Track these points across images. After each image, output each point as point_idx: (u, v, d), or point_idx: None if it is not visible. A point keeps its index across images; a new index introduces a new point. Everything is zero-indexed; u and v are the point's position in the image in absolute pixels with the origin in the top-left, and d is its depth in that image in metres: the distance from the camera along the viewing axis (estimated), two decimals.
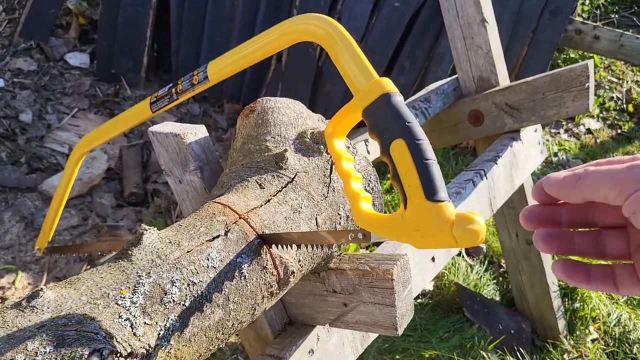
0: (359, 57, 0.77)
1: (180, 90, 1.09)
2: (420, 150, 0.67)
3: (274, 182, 0.95)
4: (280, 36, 0.89)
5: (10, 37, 3.11)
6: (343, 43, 0.79)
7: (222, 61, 1.00)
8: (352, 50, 0.78)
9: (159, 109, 1.16)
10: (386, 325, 1.01)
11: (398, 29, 3.10)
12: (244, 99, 3.35)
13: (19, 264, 2.12)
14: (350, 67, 0.77)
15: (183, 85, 1.08)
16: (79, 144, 1.41)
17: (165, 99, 1.13)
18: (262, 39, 0.92)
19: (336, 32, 0.80)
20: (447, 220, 0.63)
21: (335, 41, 0.79)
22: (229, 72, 1.00)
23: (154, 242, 0.81)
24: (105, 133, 1.35)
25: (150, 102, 1.17)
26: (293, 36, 0.87)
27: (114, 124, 1.31)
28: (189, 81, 1.06)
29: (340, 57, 0.78)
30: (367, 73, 0.75)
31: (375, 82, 0.72)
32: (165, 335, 0.73)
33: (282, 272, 0.89)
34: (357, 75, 0.75)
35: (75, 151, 1.42)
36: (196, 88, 1.06)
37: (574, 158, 3.55)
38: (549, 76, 1.76)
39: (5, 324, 0.66)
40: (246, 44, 0.95)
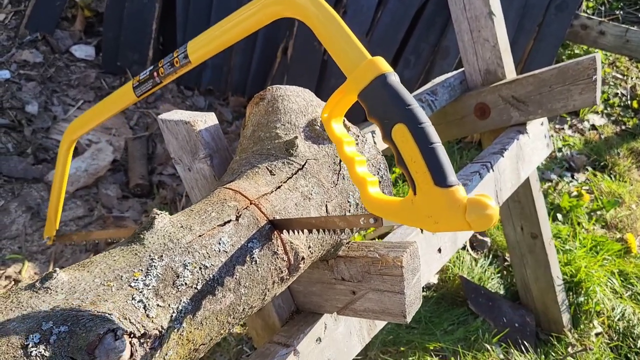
0: (347, 35, 0.73)
1: (162, 73, 1.08)
2: (423, 135, 0.65)
3: (285, 168, 0.96)
4: (261, 9, 0.86)
5: (16, 29, 3.12)
6: (327, 19, 0.75)
7: (201, 39, 0.98)
8: (339, 27, 0.74)
9: (143, 93, 1.15)
10: (395, 313, 1.01)
11: (404, 22, 3.09)
12: (249, 91, 3.35)
13: (25, 253, 2.13)
14: (339, 45, 0.73)
15: (164, 67, 1.07)
16: (67, 132, 1.41)
17: (148, 82, 1.12)
18: (241, 13, 0.89)
19: (318, 7, 0.76)
20: (459, 205, 0.63)
21: (318, 17, 0.76)
22: (210, 51, 0.97)
23: (166, 226, 0.81)
24: (91, 119, 1.34)
25: (133, 86, 1.16)
26: (274, 9, 0.84)
27: (98, 109, 1.30)
28: (169, 63, 1.06)
29: (325, 35, 0.75)
30: (359, 52, 0.72)
31: (369, 62, 0.70)
32: (177, 317, 0.74)
33: (293, 258, 0.89)
34: (348, 55, 0.72)
35: (64, 139, 1.43)
36: (178, 70, 1.05)
37: (578, 154, 3.55)
38: (556, 69, 1.76)
39: (20, 305, 0.66)
40: (225, 20, 0.92)
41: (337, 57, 0.74)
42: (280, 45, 3.22)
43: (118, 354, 0.64)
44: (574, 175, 3.37)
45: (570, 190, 3.19)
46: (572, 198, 3.03)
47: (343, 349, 1.20)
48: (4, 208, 2.26)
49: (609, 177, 3.36)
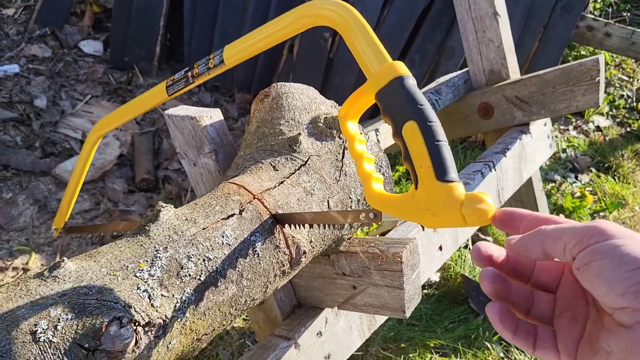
0: (373, 41, 0.78)
1: (196, 74, 1.11)
2: (431, 132, 0.68)
3: (288, 164, 0.97)
4: (296, 20, 0.91)
5: (25, 24, 3.15)
6: (358, 27, 0.80)
7: (238, 45, 1.02)
8: (366, 34, 0.79)
9: (175, 92, 1.19)
10: (394, 308, 1.03)
11: (409, 22, 3.10)
12: (255, 88, 3.37)
13: (32, 245, 2.16)
14: (365, 50, 0.78)
15: (199, 68, 1.10)
16: (96, 127, 1.44)
17: (181, 82, 1.16)
18: (278, 23, 0.94)
19: (351, 16, 0.81)
20: (457, 199, 0.65)
21: (350, 25, 0.81)
22: (244, 56, 1.02)
23: (171, 218, 0.83)
24: (121, 116, 1.38)
25: (166, 85, 1.20)
26: (309, 20, 0.89)
27: (130, 107, 1.34)
28: (205, 65, 1.09)
29: (354, 41, 0.80)
30: (381, 57, 0.76)
31: (389, 65, 0.74)
32: (181, 307, 0.76)
33: (294, 252, 0.91)
34: (371, 59, 0.77)
35: (92, 133, 1.45)
36: (212, 71, 1.08)
37: (582, 155, 3.55)
38: (560, 70, 1.77)
39: (29, 292, 0.68)
40: (262, 28, 0.97)
41: (361, 60, 0.79)
42: (286, 43, 3.23)
43: (123, 341, 0.66)
44: (578, 176, 3.38)
45: (573, 191, 3.20)
46: (575, 199, 3.04)
47: (343, 343, 1.22)
48: (12, 200, 2.29)
49: (612, 179, 3.36)
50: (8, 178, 2.38)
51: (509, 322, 0.58)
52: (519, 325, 0.59)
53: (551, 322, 0.60)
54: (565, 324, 0.57)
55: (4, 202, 2.27)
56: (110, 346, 0.65)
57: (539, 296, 0.61)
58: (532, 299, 0.61)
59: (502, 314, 0.59)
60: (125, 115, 1.36)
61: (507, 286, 0.61)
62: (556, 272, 0.61)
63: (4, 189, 2.33)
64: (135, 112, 1.33)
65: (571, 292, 0.59)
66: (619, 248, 0.47)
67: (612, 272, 0.47)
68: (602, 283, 0.48)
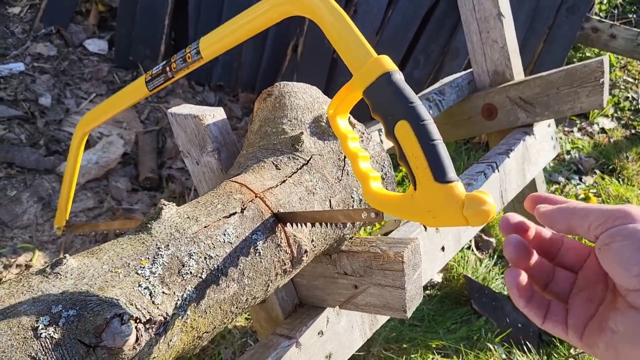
0: (355, 34, 0.75)
1: (174, 68, 1.10)
2: (425, 132, 0.67)
3: (290, 163, 0.98)
4: (271, 8, 0.88)
5: (31, 22, 3.16)
6: (336, 18, 0.77)
7: (213, 36, 1.00)
8: (346, 26, 0.76)
9: (155, 87, 1.18)
10: (396, 308, 1.03)
11: (414, 22, 3.10)
12: (259, 88, 3.37)
13: (36, 243, 2.17)
14: (346, 44, 0.76)
15: (177, 63, 1.10)
16: (80, 124, 1.44)
17: (160, 77, 1.15)
18: (253, 11, 0.91)
19: (327, 6, 0.78)
20: (457, 200, 0.65)
21: (327, 16, 0.78)
22: (221, 47, 0.99)
23: (173, 216, 0.83)
24: (103, 113, 1.37)
25: (145, 81, 1.19)
26: (285, 8, 0.86)
27: (111, 103, 1.33)
28: (181, 58, 1.08)
29: (334, 33, 0.77)
30: (365, 51, 0.74)
31: (374, 60, 0.72)
32: (182, 305, 0.76)
33: (296, 251, 0.91)
34: (355, 54, 0.74)
35: (77, 131, 1.46)
36: (190, 65, 1.07)
37: (586, 157, 3.54)
38: (564, 71, 1.77)
39: (31, 288, 0.69)
40: (237, 18, 0.94)
41: (344, 55, 0.76)
42: (290, 42, 3.24)
43: (124, 338, 0.67)
44: (582, 178, 3.37)
45: (577, 193, 3.19)
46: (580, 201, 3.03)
47: (345, 343, 1.22)
48: (16, 198, 2.30)
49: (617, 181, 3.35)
50: (12, 176, 2.39)
51: (524, 289, 0.60)
52: (533, 295, 0.60)
53: (566, 299, 0.61)
54: (579, 302, 0.58)
55: (8, 200, 2.28)
56: (111, 343, 0.66)
57: (560, 273, 0.62)
58: (552, 275, 0.62)
59: (520, 280, 0.60)
60: (107, 111, 1.35)
61: (529, 256, 0.62)
62: (582, 255, 0.62)
63: (8, 186, 2.34)
64: (117, 108, 1.31)
65: (593, 274, 0.60)
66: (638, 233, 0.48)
67: (632, 253, 0.48)
68: (619, 264, 0.49)
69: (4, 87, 2.74)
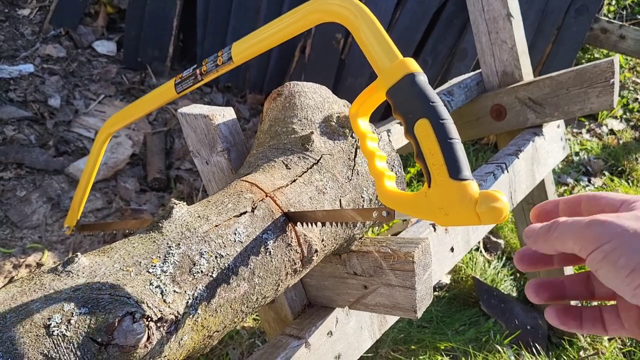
0: (383, 37, 0.77)
1: (204, 72, 1.11)
2: (444, 130, 0.68)
3: (300, 163, 0.97)
4: (304, 16, 0.90)
5: (40, 24, 3.18)
6: (367, 23, 0.79)
7: (246, 42, 1.01)
8: (376, 30, 0.78)
9: (183, 90, 1.19)
10: (406, 308, 1.03)
11: (422, 23, 3.10)
12: (266, 89, 3.38)
13: (45, 243, 2.18)
14: (374, 47, 0.77)
15: (207, 66, 1.10)
16: (106, 125, 1.45)
17: (189, 80, 1.16)
18: (286, 19, 0.93)
19: (360, 12, 0.80)
20: (471, 198, 0.65)
21: (359, 21, 0.80)
22: (253, 53, 1.02)
23: (184, 215, 0.84)
24: (131, 114, 1.38)
25: (175, 83, 1.20)
26: (317, 16, 0.88)
27: (139, 105, 1.34)
28: (213, 62, 1.09)
29: (364, 37, 0.79)
30: (391, 53, 0.76)
31: (399, 62, 0.73)
32: (193, 304, 0.76)
33: (306, 250, 0.91)
34: (381, 56, 0.76)
35: (101, 132, 1.46)
36: (220, 69, 1.08)
37: (595, 158, 3.52)
38: (574, 71, 1.76)
39: (43, 287, 0.69)
40: (270, 25, 0.97)
41: (371, 57, 0.78)
42: (298, 44, 3.24)
43: (136, 336, 0.67)
44: (591, 180, 3.35)
45: None
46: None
47: (354, 343, 1.21)
48: (26, 198, 2.31)
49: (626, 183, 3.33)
50: (22, 176, 2.40)
51: (570, 319, 0.60)
52: (582, 318, 0.60)
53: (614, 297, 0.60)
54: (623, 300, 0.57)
55: (17, 200, 2.29)
56: (123, 341, 0.66)
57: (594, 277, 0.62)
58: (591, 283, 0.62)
59: (560, 316, 0.60)
60: (134, 113, 1.36)
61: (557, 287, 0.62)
62: None
63: (18, 187, 2.35)
64: (144, 110, 1.33)
65: None
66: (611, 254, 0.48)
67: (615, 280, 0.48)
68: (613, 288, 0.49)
69: (14, 88, 2.76)
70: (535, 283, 0.62)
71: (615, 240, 0.48)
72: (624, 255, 0.47)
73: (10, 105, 2.65)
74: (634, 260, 0.46)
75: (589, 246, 0.50)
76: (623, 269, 0.47)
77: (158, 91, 1.27)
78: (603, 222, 0.50)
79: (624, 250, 0.47)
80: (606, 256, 0.48)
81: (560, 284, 0.62)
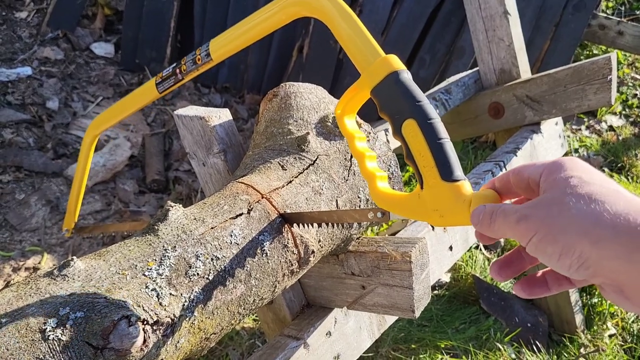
0: (363, 34, 0.76)
1: (184, 70, 1.11)
2: (432, 130, 0.66)
3: (296, 164, 0.97)
4: (281, 10, 0.89)
5: (38, 27, 3.18)
6: (345, 18, 0.77)
7: (223, 38, 1.01)
8: (355, 26, 0.76)
9: (165, 90, 1.18)
10: (404, 308, 1.03)
11: (419, 22, 3.09)
12: (264, 89, 3.37)
13: (44, 246, 2.18)
14: (355, 43, 0.76)
15: (187, 64, 1.10)
16: (90, 127, 1.45)
17: (170, 79, 1.16)
18: (262, 13, 0.92)
19: (337, 6, 0.79)
20: (465, 199, 0.64)
21: (336, 16, 0.78)
22: (231, 49, 1.01)
23: (180, 218, 0.83)
24: (114, 115, 1.38)
25: (155, 83, 1.19)
26: (293, 10, 0.87)
27: (122, 105, 1.34)
28: (191, 60, 1.08)
29: (342, 34, 0.77)
30: (373, 50, 0.74)
31: (382, 59, 0.72)
32: (189, 306, 0.76)
33: (303, 251, 0.91)
34: (363, 53, 0.74)
35: (87, 134, 1.46)
36: (200, 67, 1.07)
37: (595, 154, 3.52)
38: (571, 69, 1.76)
39: (39, 291, 0.69)
40: (247, 20, 0.95)
41: (352, 54, 0.76)
42: (296, 44, 3.24)
43: (131, 339, 0.67)
44: None
45: None
46: None
47: (353, 344, 1.21)
48: (25, 201, 2.31)
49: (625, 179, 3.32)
50: (21, 179, 2.40)
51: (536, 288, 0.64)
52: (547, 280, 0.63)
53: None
54: None
55: (16, 203, 2.29)
56: (119, 345, 0.66)
57: None
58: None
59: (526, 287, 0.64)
60: (118, 113, 1.36)
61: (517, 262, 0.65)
62: None
63: (17, 190, 2.35)
64: (127, 110, 1.32)
65: None
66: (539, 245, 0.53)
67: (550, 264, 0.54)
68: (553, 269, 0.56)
69: (12, 91, 2.76)
70: (496, 264, 0.65)
71: (540, 232, 0.53)
72: (550, 244, 0.52)
73: (8, 108, 2.65)
74: (557, 247, 0.52)
75: (522, 240, 0.55)
76: (553, 255, 0.52)
77: (139, 91, 1.27)
78: (527, 217, 0.55)
79: (549, 240, 0.52)
80: (537, 247, 0.54)
81: (518, 256, 0.65)
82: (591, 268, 0.50)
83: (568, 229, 0.51)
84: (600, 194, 0.51)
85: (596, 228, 0.50)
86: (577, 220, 0.51)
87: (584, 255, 0.50)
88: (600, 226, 0.49)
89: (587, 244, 0.50)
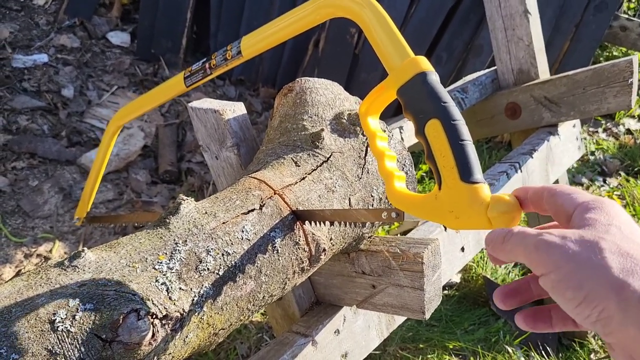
0: (395, 35, 0.76)
1: (213, 65, 1.10)
2: (456, 131, 0.66)
3: (310, 160, 0.96)
4: (315, 10, 0.89)
5: (55, 14, 3.19)
6: (378, 19, 0.78)
7: (256, 36, 1.01)
8: (387, 27, 0.77)
9: (193, 84, 1.18)
10: (414, 309, 1.02)
11: (438, 18, 3.06)
12: (279, 83, 3.36)
13: (56, 233, 2.19)
14: (385, 44, 0.76)
15: (216, 60, 1.09)
16: (115, 117, 1.45)
17: (199, 73, 1.15)
18: (296, 13, 0.92)
19: (371, 7, 0.79)
20: (482, 201, 0.63)
21: (370, 17, 0.78)
22: (262, 47, 1.01)
23: (191, 212, 0.83)
24: (139, 107, 1.38)
25: (184, 77, 1.19)
26: (327, 11, 0.87)
27: (148, 98, 1.34)
28: (222, 56, 1.08)
29: (374, 34, 0.78)
30: (403, 51, 0.74)
31: (411, 60, 0.72)
32: (199, 301, 0.76)
33: (314, 249, 0.90)
34: (392, 53, 0.75)
35: (111, 124, 1.46)
36: (229, 63, 1.07)
37: (611, 158, 3.47)
38: (591, 70, 1.73)
39: (49, 281, 0.69)
40: (280, 19, 0.96)
41: (382, 55, 0.76)
42: (312, 38, 3.22)
43: (140, 333, 0.66)
44: (606, 180, 3.30)
45: (601, 195, 3.13)
46: None
47: (361, 342, 1.21)
48: (38, 188, 2.32)
49: None
50: (34, 166, 2.42)
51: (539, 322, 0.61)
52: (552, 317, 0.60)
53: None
54: None
55: (30, 190, 2.31)
56: (127, 338, 0.65)
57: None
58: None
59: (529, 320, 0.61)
60: (143, 105, 1.36)
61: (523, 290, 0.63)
62: None
63: (30, 176, 2.37)
64: (153, 102, 1.32)
65: None
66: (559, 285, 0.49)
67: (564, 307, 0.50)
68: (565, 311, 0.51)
69: (28, 78, 2.77)
70: (501, 292, 0.62)
71: (561, 270, 0.48)
72: (570, 289, 0.48)
73: (24, 95, 2.66)
74: (580, 294, 0.47)
75: (538, 269, 0.51)
76: (571, 301, 0.48)
77: (167, 84, 1.27)
78: (549, 245, 0.50)
79: (570, 284, 0.48)
80: (554, 286, 0.49)
81: (526, 286, 0.63)
82: (610, 327, 0.46)
83: (598, 279, 0.47)
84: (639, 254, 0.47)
85: (627, 290, 0.45)
86: (610, 273, 0.46)
87: (606, 312, 0.46)
88: (632, 289, 0.45)
89: (614, 302, 0.45)
